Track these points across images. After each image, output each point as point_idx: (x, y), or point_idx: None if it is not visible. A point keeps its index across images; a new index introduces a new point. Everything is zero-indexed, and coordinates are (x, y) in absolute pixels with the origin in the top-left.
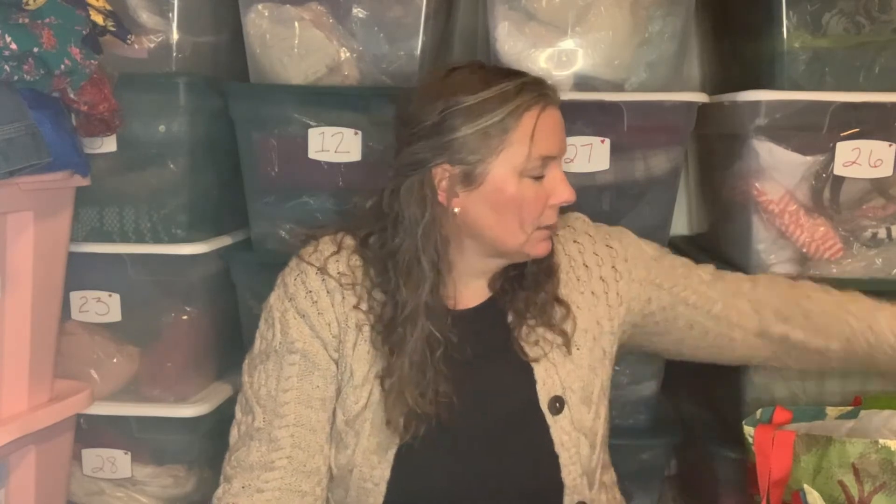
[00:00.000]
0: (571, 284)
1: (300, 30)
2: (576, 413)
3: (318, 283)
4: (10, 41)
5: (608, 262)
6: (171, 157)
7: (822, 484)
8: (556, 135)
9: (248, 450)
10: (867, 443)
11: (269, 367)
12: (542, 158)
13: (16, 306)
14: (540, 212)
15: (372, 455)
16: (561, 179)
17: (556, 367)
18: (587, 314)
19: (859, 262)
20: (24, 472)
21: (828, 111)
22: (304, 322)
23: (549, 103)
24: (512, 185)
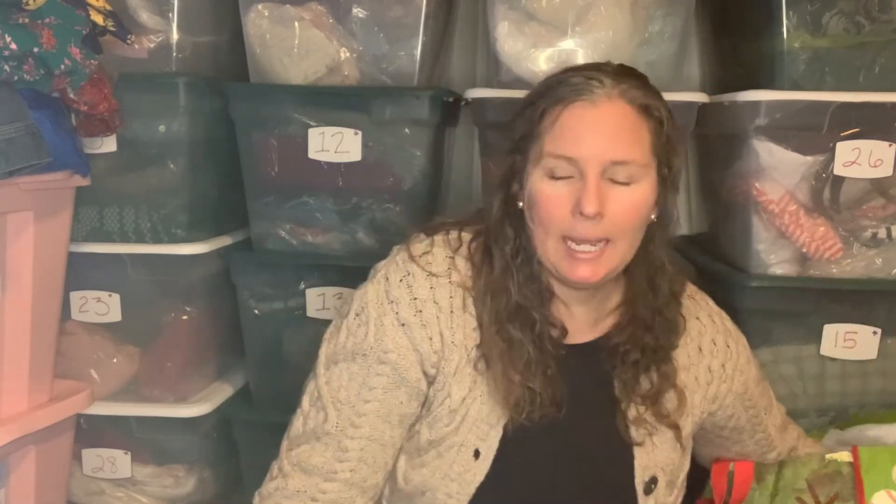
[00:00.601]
0: (684, 362)
1: (300, 30)
2: (661, 496)
3: (426, 291)
4: (10, 41)
5: (721, 357)
6: (171, 157)
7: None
8: (585, 134)
9: (313, 449)
10: (816, 458)
11: (353, 368)
12: (561, 157)
13: (16, 306)
14: (561, 218)
15: (452, 483)
16: (589, 188)
17: (657, 448)
18: (689, 397)
19: (859, 262)
20: (24, 472)
21: (828, 111)
22: (404, 332)
23: (584, 98)
24: (536, 184)
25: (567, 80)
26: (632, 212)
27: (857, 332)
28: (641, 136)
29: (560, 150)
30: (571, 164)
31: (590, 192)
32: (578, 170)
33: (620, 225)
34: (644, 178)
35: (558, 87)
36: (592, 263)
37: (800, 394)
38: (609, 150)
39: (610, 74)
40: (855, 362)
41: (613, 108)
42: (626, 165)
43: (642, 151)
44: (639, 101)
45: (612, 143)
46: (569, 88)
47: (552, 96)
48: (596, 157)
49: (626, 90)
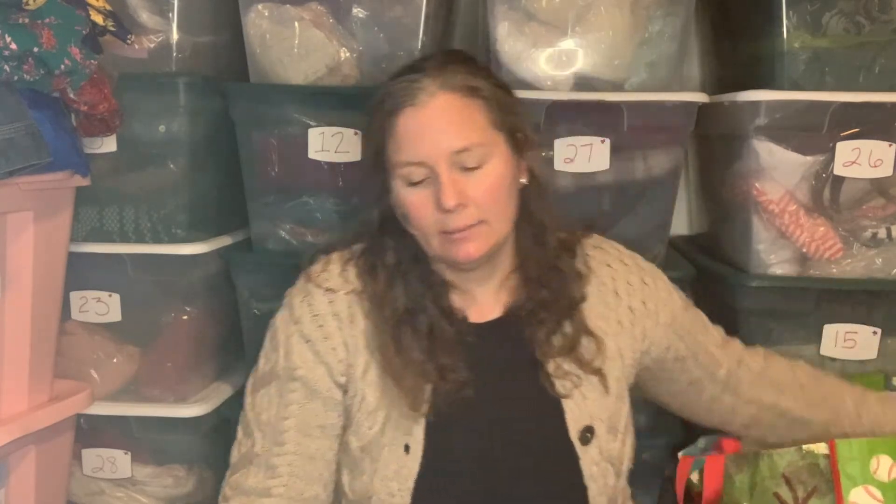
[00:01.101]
0: (600, 310)
1: (300, 30)
2: (604, 443)
3: (324, 306)
4: (10, 41)
5: (639, 295)
6: (171, 157)
7: (758, 499)
8: (421, 137)
9: (247, 472)
10: (793, 451)
11: (271, 391)
12: (409, 164)
13: (16, 306)
14: (432, 218)
15: (391, 482)
16: (442, 185)
17: (587, 398)
18: (613, 342)
19: (859, 262)
20: (24, 472)
21: (828, 111)
22: (308, 348)
23: (407, 104)
24: (396, 192)
25: (391, 91)
26: (493, 191)
27: (857, 332)
28: (474, 118)
29: (403, 158)
30: (420, 166)
31: (444, 187)
32: (429, 169)
33: (487, 206)
34: (494, 155)
35: (386, 98)
36: (473, 241)
37: None
38: (446, 143)
39: (430, 71)
40: (855, 362)
41: (437, 102)
42: (469, 151)
43: (479, 131)
44: (460, 85)
45: (447, 136)
46: (394, 98)
47: (383, 109)
48: (437, 153)
49: (446, 80)
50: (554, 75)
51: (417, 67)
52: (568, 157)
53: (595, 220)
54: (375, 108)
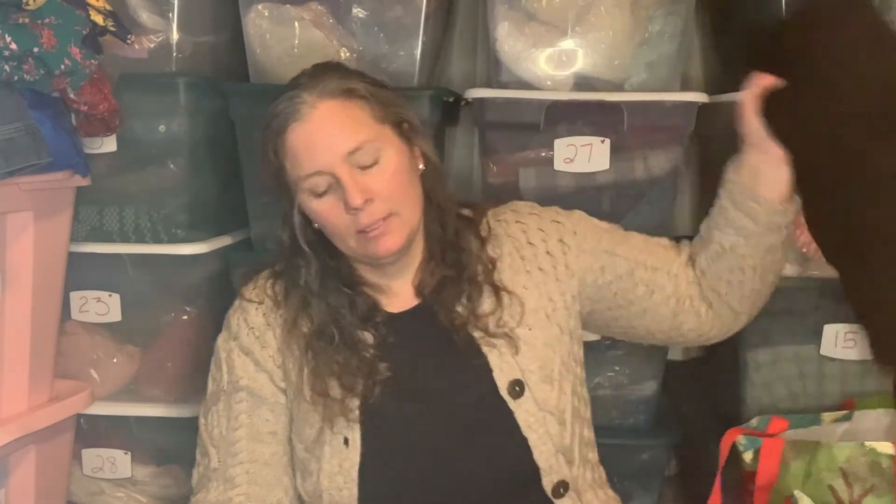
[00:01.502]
0: (517, 265)
1: (300, 30)
2: (538, 393)
3: (259, 318)
4: (10, 41)
5: (554, 235)
6: (171, 157)
7: (812, 489)
8: (312, 147)
9: (207, 491)
10: (854, 446)
11: (220, 408)
12: (309, 176)
13: (16, 306)
14: (345, 221)
15: (336, 476)
16: (345, 186)
17: (510, 351)
18: (536, 292)
19: None
20: (24, 472)
21: None
22: (249, 359)
23: (292, 120)
24: (304, 204)
25: (274, 112)
26: (393, 182)
27: (857, 332)
28: (357, 118)
29: (302, 172)
30: (321, 176)
31: (348, 188)
32: (330, 176)
33: (392, 197)
34: (386, 149)
35: (273, 120)
36: (389, 234)
37: (800, 394)
38: (337, 146)
39: (306, 85)
40: (855, 362)
41: (320, 112)
42: (361, 149)
43: (366, 129)
44: (337, 91)
45: (336, 140)
46: (278, 119)
47: (271, 131)
48: (332, 159)
49: (323, 89)
50: (554, 75)
51: (293, 85)
52: (568, 157)
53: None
54: (264, 133)
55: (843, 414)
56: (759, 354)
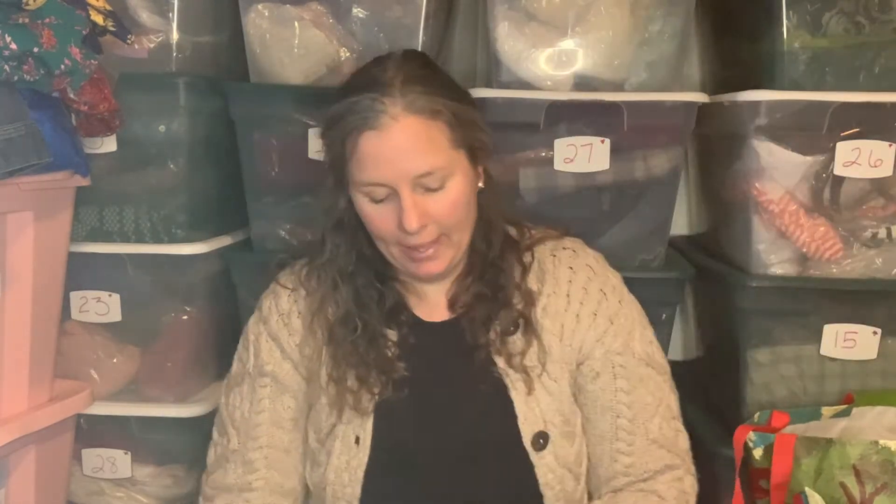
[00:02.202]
0: (552, 310)
1: (300, 30)
2: (559, 448)
3: (289, 305)
4: (10, 41)
5: (591, 305)
6: (171, 157)
7: (823, 486)
8: (383, 162)
9: (225, 472)
10: (867, 444)
11: (243, 390)
12: (372, 184)
13: (16, 306)
14: (389, 233)
15: (343, 473)
16: (404, 208)
17: (539, 400)
18: (559, 346)
19: (859, 262)
20: (24, 472)
21: (828, 111)
22: (276, 345)
23: (370, 127)
24: (357, 202)
25: (354, 107)
26: (454, 208)
27: (857, 332)
28: (437, 141)
29: (365, 179)
30: (382, 187)
31: (406, 211)
32: (391, 189)
33: (448, 223)
34: (455, 173)
35: (348, 115)
36: (435, 259)
37: (800, 394)
38: (409, 168)
39: (392, 89)
40: (855, 362)
41: (401, 128)
42: (431, 174)
43: (442, 154)
44: (425, 109)
45: (410, 161)
46: (356, 116)
47: (345, 124)
48: (399, 177)
49: (411, 102)
50: (554, 75)
51: (378, 81)
52: (568, 157)
53: (595, 221)
54: (334, 120)
55: (842, 409)
56: (759, 354)
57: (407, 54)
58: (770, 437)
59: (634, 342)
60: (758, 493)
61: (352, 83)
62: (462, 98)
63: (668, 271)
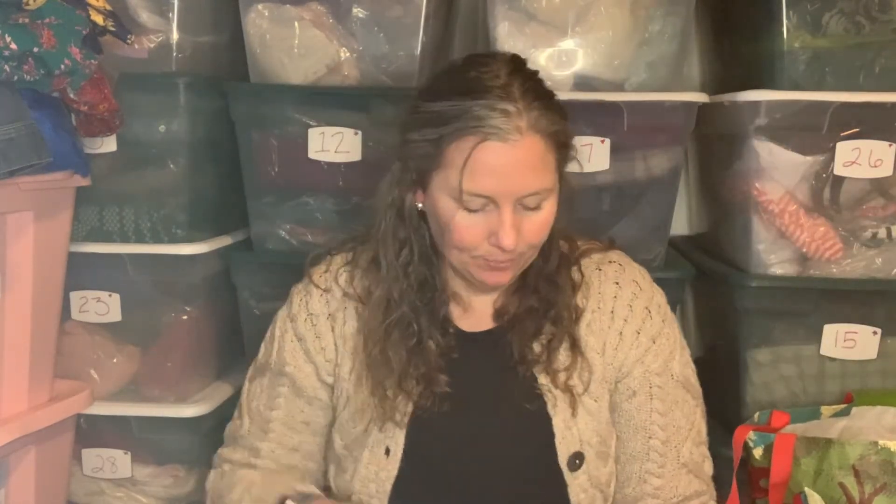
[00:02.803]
0: (595, 326)
1: (300, 30)
2: (593, 469)
3: (320, 306)
4: (10, 41)
5: (635, 324)
6: (171, 157)
7: (822, 486)
8: (499, 176)
9: (233, 450)
10: (867, 444)
11: (263, 382)
12: (476, 195)
13: (16, 306)
14: (476, 244)
15: (370, 483)
16: (504, 225)
17: (577, 420)
18: (602, 364)
19: (859, 262)
20: (24, 472)
21: (828, 111)
22: (300, 346)
23: (495, 137)
24: (443, 207)
25: (474, 112)
26: (543, 230)
27: (857, 332)
28: (549, 163)
29: (476, 189)
30: (485, 199)
31: (506, 229)
32: (493, 202)
33: (534, 243)
34: (551, 197)
35: (466, 116)
36: (508, 270)
37: (800, 394)
38: (523, 187)
39: (521, 103)
40: (855, 362)
41: (525, 144)
42: (537, 195)
43: (550, 177)
44: (548, 130)
45: (527, 180)
46: (478, 122)
47: (460, 127)
48: (509, 194)
49: (536, 120)
50: (554, 75)
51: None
52: None
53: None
54: (440, 120)
55: (841, 408)
56: (759, 354)
57: (515, 58)
58: (770, 436)
59: (674, 363)
60: (757, 493)
61: (458, 83)
62: (566, 116)
63: (668, 271)
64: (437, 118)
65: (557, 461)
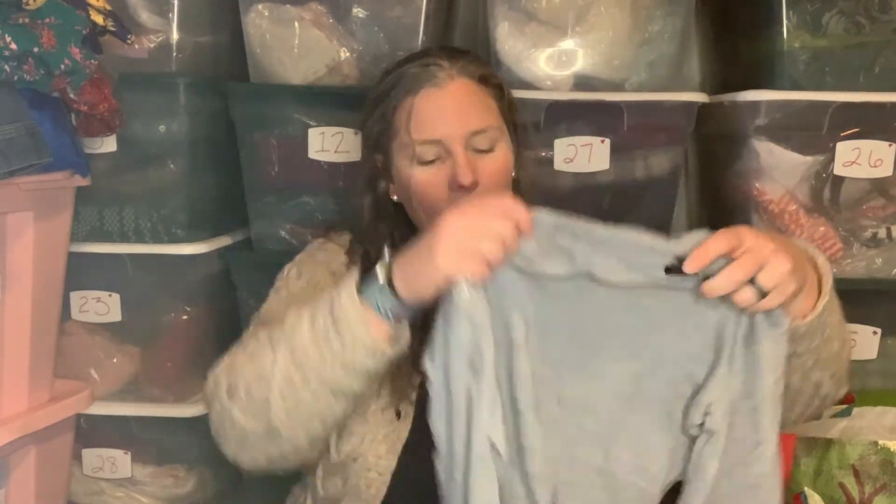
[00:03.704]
0: None
1: (300, 30)
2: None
3: (339, 264)
4: (10, 41)
5: None
6: (171, 157)
7: (822, 486)
8: (441, 116)
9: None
10: (867, 444)
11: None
12: (426, 142)
13: (16, 306)
14: (440, 195)
15: (380, 445)
16: (459, 162)
17: None
18: None
19: (859, 262)
20: (24, 472)
21: (828, 111)
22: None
23: (429, 85)
24: (408, 174)
25: (407, 73)
26: (500, 173)
27: (857, 332)
28: (489, 104)
29: (423, 136)
30: (436, 145)
31: (461, 165)
32: (444, 149)
33: (494, 188)
34: (501, 141)
35: (401, 80)
36: None
37: None
38: (466, 123)
39: (444, 56)
40: (855, 362)
41: (457, 85)
42: (484, 133)
43: (494, 116)
44: (477, 73)
45: (468, 116)
46: (411, 79)
47: (399, 90)
48: (457, 132)
49: (464, 67)
50: (554, 75)
51: (430, 53)
52: (568, 157)
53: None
54: (385, 90)
55: (842, 409)
56: None
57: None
58: None
59: None
60: None
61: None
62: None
63: None
64: (380, 96)
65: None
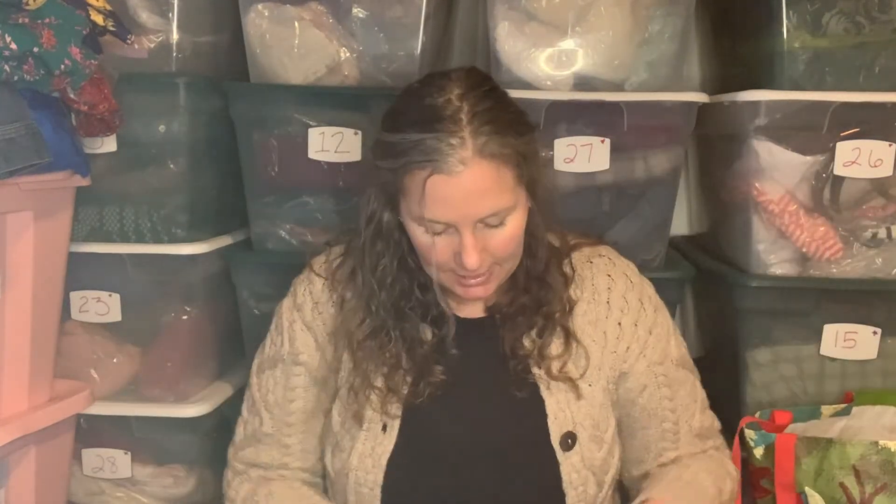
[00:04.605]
0: (591, 316)
1: (300, 30)
2: (586, 451)
3: (324, 295)
4: (10, 41)
5: (632, 316)
6: (171, 157)
7: (823, 486)
8: (450, 205)
9: (257, 451)
10: (867, 444)
11: (276, 374)
12: (434, 223)
13: (16, 306)
14: (444, 262)
15: (366, 458)
16: (466, 247)
17: (570, 402)
18: (600, 353)
19: (859, 262)
20: (24, 472)
21: (828, 111)
22: (310, 335)
23: (441, 170)
24: (411, 229)
25: (419, 146)
26: (511, 243)
27: (857, 332)
28: (504, 182)
29: (430, 216)
30: (443, 224)
31: (467, 249)
32: (454, 227)
33: (503, 255)
34: (515, 209)
35: (412, 152)
36: (484, 285)
37: (800, 394)
38: (476, 212)
39: (463, 129)
40: (855, 362)
41: (471, 173)
42: (495, 215)
43: (507, 195)
44: (496, 154)
45: (479, 206)
46: (422, 156)
47: (409, 161)
48: (465, 218)
49: (482, 146)
50: (554, 75)
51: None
52: (568, 157)
53: (595, 221)
54: (393, 151)
55: (841, 408)
56: (759, 354)
57: (470, 76)
58: (771, 436)
59: (671, 348)
60: (758, 493)
61: (411, 113)
62: (527, 131)
63: (668, 271)
64: (394, 150)
65: (550, 440)
